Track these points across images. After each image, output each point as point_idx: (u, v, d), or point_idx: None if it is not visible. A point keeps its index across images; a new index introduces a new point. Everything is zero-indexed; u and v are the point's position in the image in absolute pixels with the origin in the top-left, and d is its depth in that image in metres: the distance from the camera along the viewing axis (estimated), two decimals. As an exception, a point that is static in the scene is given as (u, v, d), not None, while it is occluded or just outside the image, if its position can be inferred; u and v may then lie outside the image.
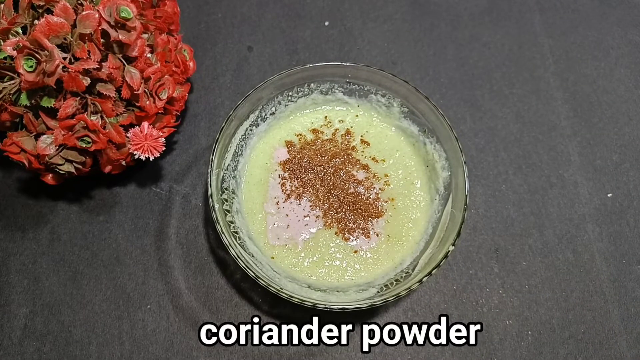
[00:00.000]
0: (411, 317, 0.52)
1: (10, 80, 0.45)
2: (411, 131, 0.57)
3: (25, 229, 0.56)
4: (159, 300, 0.53)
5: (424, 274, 0.46)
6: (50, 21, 0.42)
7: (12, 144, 0.48)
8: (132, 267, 0.54)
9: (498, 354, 0.51)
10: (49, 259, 0.55)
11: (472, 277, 0.54)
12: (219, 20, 0.67)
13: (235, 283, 0.54)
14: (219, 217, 0.48)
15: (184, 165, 0.59)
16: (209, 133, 0.61)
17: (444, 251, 0.47)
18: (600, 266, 0.54)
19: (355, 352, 0.51)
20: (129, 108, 0.50)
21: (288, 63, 0.65)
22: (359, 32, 0.67)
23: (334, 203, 0.54)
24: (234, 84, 0.64)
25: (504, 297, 0.53)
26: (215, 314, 0.52)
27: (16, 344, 0.51)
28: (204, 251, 0.55)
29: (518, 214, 0.57)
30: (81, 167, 0.50)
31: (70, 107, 0.45)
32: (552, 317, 0.52)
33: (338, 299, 0.48)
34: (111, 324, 0.52)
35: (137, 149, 0.49)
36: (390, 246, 0.53)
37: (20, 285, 0.54)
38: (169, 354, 0.51)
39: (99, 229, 0.56)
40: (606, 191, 0.58)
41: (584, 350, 0.51)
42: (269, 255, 0.52)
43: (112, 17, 0.45)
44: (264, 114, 0.56)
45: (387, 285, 0.49)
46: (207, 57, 0.65)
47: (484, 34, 0.67)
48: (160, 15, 0.53)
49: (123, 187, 0.58)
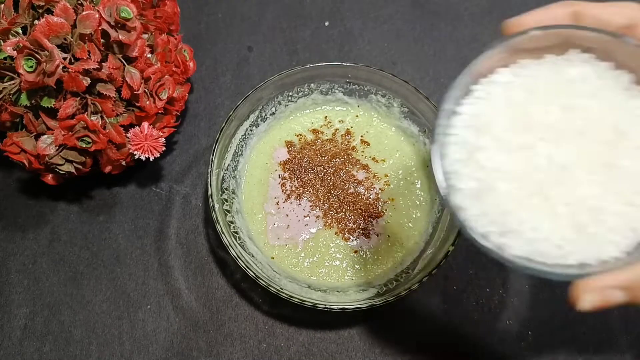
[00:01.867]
0: (411, 317, 0.52)
1: (11, 81, 0.45)
2: (411, 131, 0.57)
3: (25, 229, 0.56)
4: (159, 300, 0.53)
5: (424, 274, 0.47)
6: (50, 21, 0.43)
7: (12, 144, 0.48)
8: (132, 267, 0.54)
9: (498, 354, 0.51)
10: (49, 259, 0.55)
11: (472, 277, 0.54)
12: (219, 20, 0.67)
13: (235, 283, 0.54)
14: (219, 217, 0.48)
15: (184, 165, 0.59)
16: (209, 133, 0.61)
17: (444, 251, 0.47)
18: (600, 266, 0.54)
19: (356, 352, 0.51)
20: (129, 108, 0.50)
21: (288, 63, 0.65)
22: (359, 32, 0.67)
23: (334, 203, 0.54)
24: (234, 84, 0.64)
25: (504, 297, 0.53)
26: (216, 314, 0.52)
27: (16, 344, 0.51)
28: (204, 251, 0.55)
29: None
30: (81, 167, 0.50)
31: (71, 107, 0.45)
32: (552, 317, 0.52)
33: (338, 299, 0.48)
34: (111, 324, 0.52)
35: (137, 149, 0.49)
36: (390, 246, 0.53)
37: (20, 285, 0.54)
38: (169, 354, 0.51)
39: (99, 229, 0.56)
40: (606, 191, 0.58)
41: (584, 351, 0.51)
42: (269, 255, 0.52)
43: (112, 17, 0.45)
44: (264, 114, 0.56)
45: (387, 285, 0.49)
46: (207, 57, 0.65)
47: (484, 34, 0.66)
48: (160, 15, 0.53)
49: (123, 187, 0.58)
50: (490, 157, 0.30)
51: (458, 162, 0.31)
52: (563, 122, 0.30)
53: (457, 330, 0.52)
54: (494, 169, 0.30)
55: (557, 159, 0.29)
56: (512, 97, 0.31)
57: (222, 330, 0.52)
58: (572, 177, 0.29)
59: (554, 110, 0.30)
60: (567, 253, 0.29)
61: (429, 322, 0.52)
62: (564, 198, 0.29)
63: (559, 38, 0.30)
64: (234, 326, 0.52)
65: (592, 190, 0.29)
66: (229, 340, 0.51)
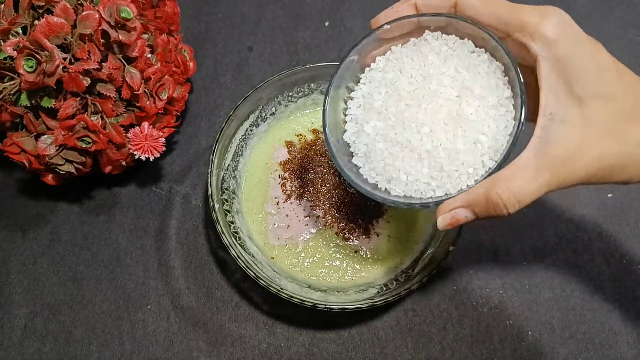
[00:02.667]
0: (411, 317, 0.52)
1: (11, 81, 0.45)
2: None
3: (25, 229, 0.56)
4: (159, 300, 0.53)
5: (424, 274, 0.47)
6: (51, 21, 0.43)
7: (12, 144, 0.48)
8: (132, 267, 0.54)
9: (498, 354, 0.51)
10: (49, 259, 0.55)
11: (472, 277, 0.54)
12: (219, 20, 0.67)
13: (236, 283, 0.54)
14: (219, 218, 0.48)
15: (184, 166, 0.59)
16: (209, 133, 0.61)
17: (444, 251, 0.47)
18: (600, 266, 0.54)
19: (356, 352, 0.51)
20: (129, 108, 0.50)
21: (288, 63, 0.65)
22: (359, 32, 0.67)
23: (334, 203, 0.54)
24: (234, 84, 0.64)
25: (504, 297, 0.53)
26: (216, 314, 0.52)
27: (16, 344, 0.51)
28: (204, 251, 0.55)
29: (518, 214, 0.57)
30: (81, 167, 0.50)
31: (71, 107, 0.45)
32: (552, 317, 0.52)
33: (338, 299, 0.48)
34: (111, 324, 0.52)
35: (137, 149, 0.49)
36: (390, 246, 0.53)
37: (21, 285, 0.54)
38: (169, 354, 0.51)
39: (99, 229, 0.56)
40: (606, 191, 0.58)
41: (584, 350, 0.51)
42: (269, 255, 0.52)
43: (112, 18, 0.45)
44: (264, 114, 0.56)
45: (387, 285, 0.49)
46: (207, 57, 0.65)
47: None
48: (160, 15, 0.53)
49: (123, 187, 0.58)
50: (372, 126, 0.40)
51: (353, 135, 0.42)
52: (422, 89, 0.38)
53: (457, 331, 0.52)
54: (375, 135, 0.39)
55: (418, 117, 0.37)
56: (386, 77, 0.40)
57: (222, 331, 0.52)
58: (430, 130, 0.37)
59: (416, 81, 0.38)
60: (434, 188, 0.37)
61: (429, 322, 0.52)
62: (425, 147, 0.37)
63: (413, 25, 0.39)
64: (234, 326, 0.52)
65: (447, 137, 0.37)
66: (229, 340, 0.51)
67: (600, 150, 0.32)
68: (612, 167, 0.33)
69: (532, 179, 0.33)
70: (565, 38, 0.32)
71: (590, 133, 0.32)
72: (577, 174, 0.33)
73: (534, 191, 0.33)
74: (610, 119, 0.32)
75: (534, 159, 0.33)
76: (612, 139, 0.32)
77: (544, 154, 0.33)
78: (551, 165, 0.32)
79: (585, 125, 0.32)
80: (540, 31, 0.33)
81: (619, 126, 0.32)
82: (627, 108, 0.33)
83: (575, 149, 0.32)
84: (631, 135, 0.33)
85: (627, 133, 0.33)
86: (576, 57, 0.32)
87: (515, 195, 0.33)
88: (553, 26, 0.32)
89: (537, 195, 0.33)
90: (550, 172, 0.33)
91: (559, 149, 0.32)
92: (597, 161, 0.32)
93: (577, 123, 0.32)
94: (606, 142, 0.32)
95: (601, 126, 0.32)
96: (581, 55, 0.32)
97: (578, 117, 0.32)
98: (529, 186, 0.33)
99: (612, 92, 0.32)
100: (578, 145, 0.32)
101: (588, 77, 0.32)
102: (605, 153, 0.32)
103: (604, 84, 0.32)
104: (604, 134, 0.32)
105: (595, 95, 0.32)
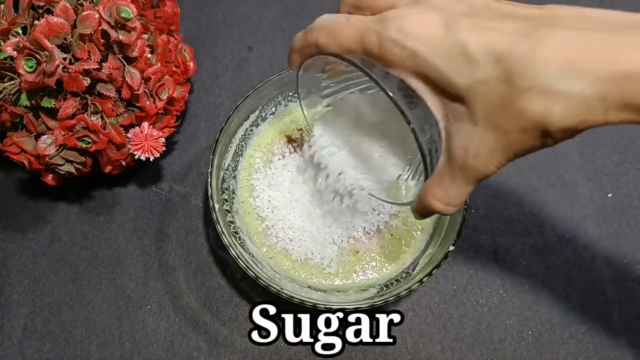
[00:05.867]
0: (411, 317, 0.52)
1: (11, 81, 0.45)
2: (411, 131, 0.56)
3: (25, 229, 0.56)
4: (159, 300, 0.53)
5: (424, 274, 0.47)
6: (51, 21, 0.42)
7: (12, 144, 0.48)
8: (132, 268, 0.54)
9: (498, 354, 0.51)
10: (49, 259, 0.55)
11: (472, 277, 0.54)
12: (219, 20, 0.67)
13: (236, 283, 0.54)
14: (219, 218, 0.48)
15: (184, 166, 0.59)
16: (209, 133, 0.61)
17: (444, 251, 0.47)
18: (601, 266, 0.54)
19: (356, 352, 0.51)
20: (129, 108, 0.50)
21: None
22: (359, 32, 0.66)
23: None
24: (234, 84, 0.64)
25: (504, 297, 0.53)
26: (216, 314, 0.52)
27: (16, 344, 0.51)
28: (204, 251, 0.55)
29: (518, 214, 0.57)
30: (81, 167, 0.50)
31: (71, 107, 0.45)
32: (552, 317, 0.52)
33: (338, 299, 0.48)
34: (111, 324, 0.52)
35: (137, 149, 0.49)
36: (390, 246, 0.53)
37: (21, 285, 0.54)
38: (169, 354, 0.51)
39: (99, 229, 0.56)
40: (606, 191, 0.58)
41: (584, 350, 0.51)
42: (268, 255, 0.52)
43: (112, 18, 0.45)
44: (264, 114, 0.56)
45: (387, 285, 0.49)
46: (207, 57, 0.65)
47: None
48: (160, 15, 0.53)
49: (123, 187, 0.58)
50: (325, 140, 0.47)
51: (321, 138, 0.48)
52: (373, 117, 0.44)
53: (457, 331, 0.52)
54: (329, 147, 0.47)
55: (359, 139, 0.45)
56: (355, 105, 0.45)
57: (222, 331, 0.52)
58: (368, 146, 0.45)
59: (376, 112, 0.44)
60: (378, 181, 0.45)
61: (429, 322, 0.52)
62: (369, 155, 0.45)
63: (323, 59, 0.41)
64: (234, 326, 0.52)
65: (380, 151, 0.44)
66: (229, 340, 0.51)
67: (489, 144, 0.31)
68: (514, 150, 0.32)
69: (450, 185, 0.34)
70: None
71: (476, 127, 0.31)
72: (487, 169, 0.33)
73: (458, 194, 0.34)
74: (493, 102, 0.30)
75: (447, 164, 0.33)
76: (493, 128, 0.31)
77: (451, 157, 0.33)
78: (461, 168, 0.33)
79: (470, 120, 0.31)
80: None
81: (495, 111, 0.30)
82: (497, 93, 0.30)
83: (468, 146, 0.32)
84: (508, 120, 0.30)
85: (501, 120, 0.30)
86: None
87: (442, 202, 0.35)
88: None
89: (464, 196, 0.34)
90: (461, 174, 0.33)
91: (458, 151, 0.32)
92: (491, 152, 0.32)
93: (466, 119, 0.31)
94: (489, 132, 0.31)
95: (484, 114, 0.30)
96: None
97: (465, 114, 0.31)
98: (451, 191, 0.34)
99: (476, 80, 0.30)
100: (469, 142, 0.32)
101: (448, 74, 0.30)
102: (489, 140, 0.31)
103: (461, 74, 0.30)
104: (488, 124, 0.31)
105: (467, 87, 0.30)
